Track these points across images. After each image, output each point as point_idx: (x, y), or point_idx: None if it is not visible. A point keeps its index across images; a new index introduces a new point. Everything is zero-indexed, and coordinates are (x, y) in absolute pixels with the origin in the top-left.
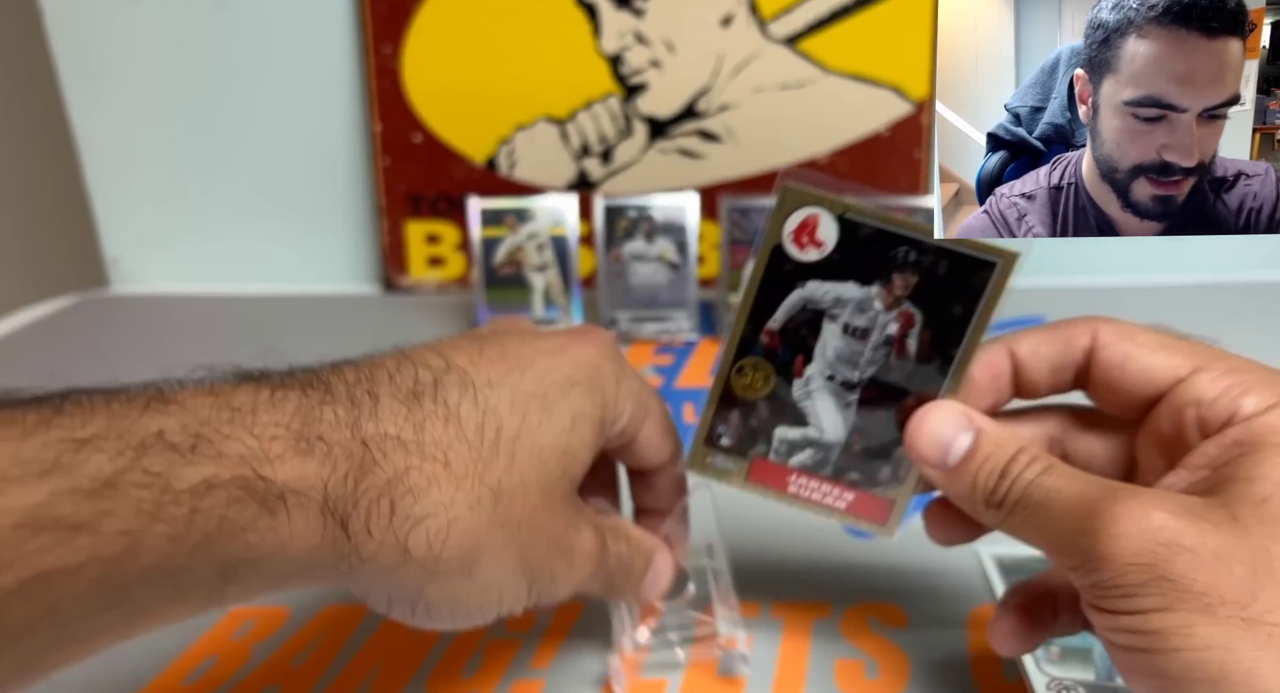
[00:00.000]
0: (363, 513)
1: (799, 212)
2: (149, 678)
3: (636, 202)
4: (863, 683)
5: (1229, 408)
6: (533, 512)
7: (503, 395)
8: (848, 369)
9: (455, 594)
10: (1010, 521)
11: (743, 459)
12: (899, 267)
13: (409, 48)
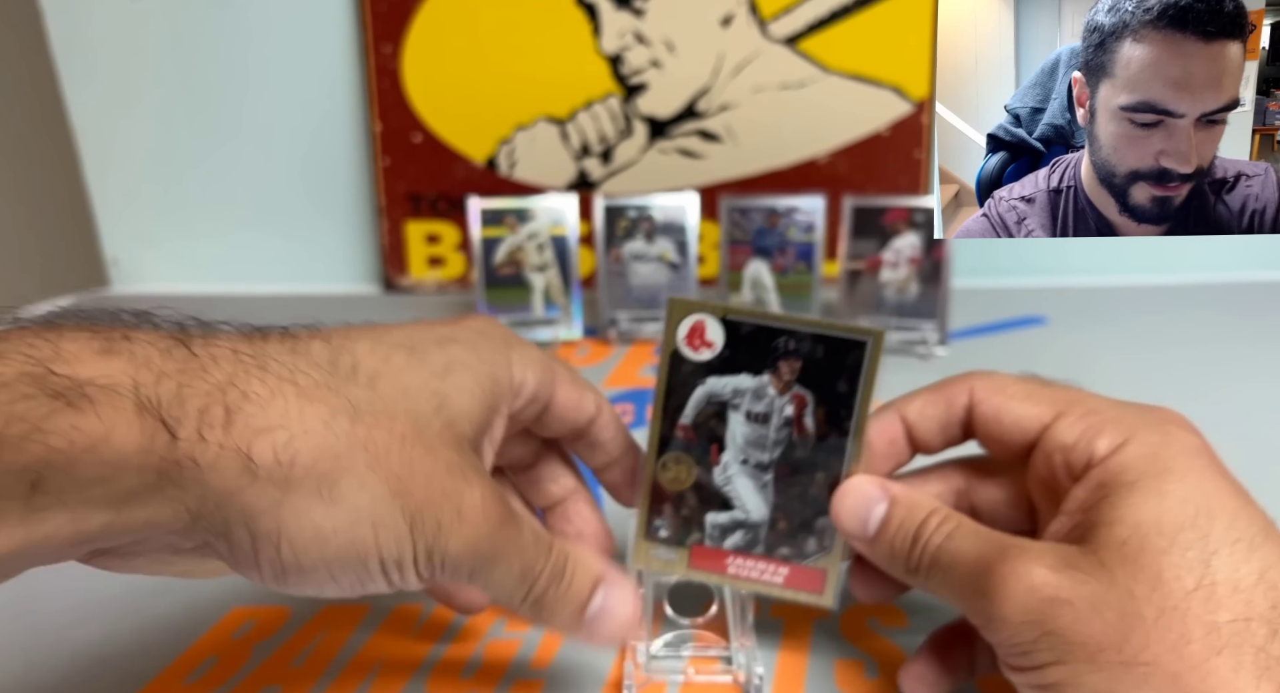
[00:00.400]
0: (191, 415)
1: (687, 319)
2: (149, 678)
3: (636, 202)
4: (863, 683)
5: (1086, 450)
6: (401, 441)
7: (362, 341)
8: (758, 452)
9: (320, 525)
10: (928, 584)
11: (682, 548)
12: (782, 355)
13: (409, 48)
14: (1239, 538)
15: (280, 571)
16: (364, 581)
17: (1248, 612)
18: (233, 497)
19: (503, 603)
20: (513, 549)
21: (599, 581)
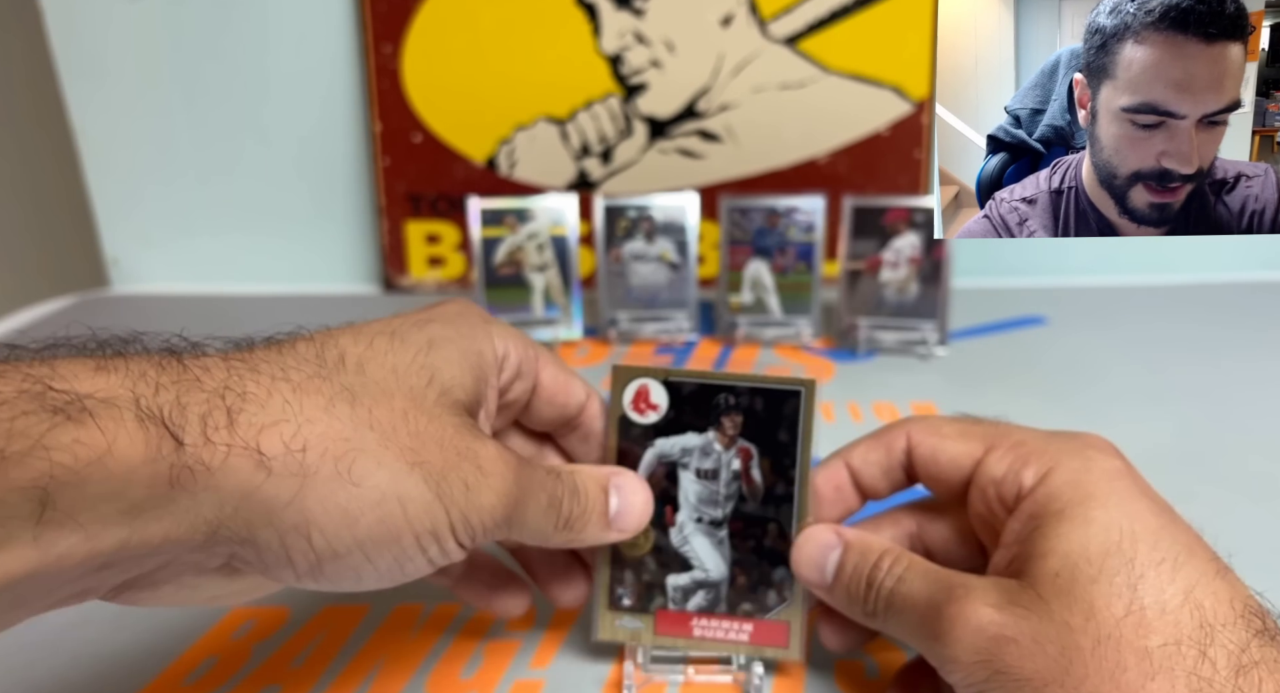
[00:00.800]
0: (194, 421)
1: (632, 384)
2: (149, 678)
3: (636, 202)
4: (863, 683)
5: (1015, 482)
6: (404, 415)
7: (344, 335)
8: (711, 509)
9: (346, 507)
10: (885, 627)
11: (646, 615)
12: (724, 411)
13: (409, 48)
14: (1163, 558)
15: (315, 563)
16: (401, 560)
17: (1176, 635)
18: (251, 496)
19: (537, 538)
20: (536, 485)
21: (607, 482)
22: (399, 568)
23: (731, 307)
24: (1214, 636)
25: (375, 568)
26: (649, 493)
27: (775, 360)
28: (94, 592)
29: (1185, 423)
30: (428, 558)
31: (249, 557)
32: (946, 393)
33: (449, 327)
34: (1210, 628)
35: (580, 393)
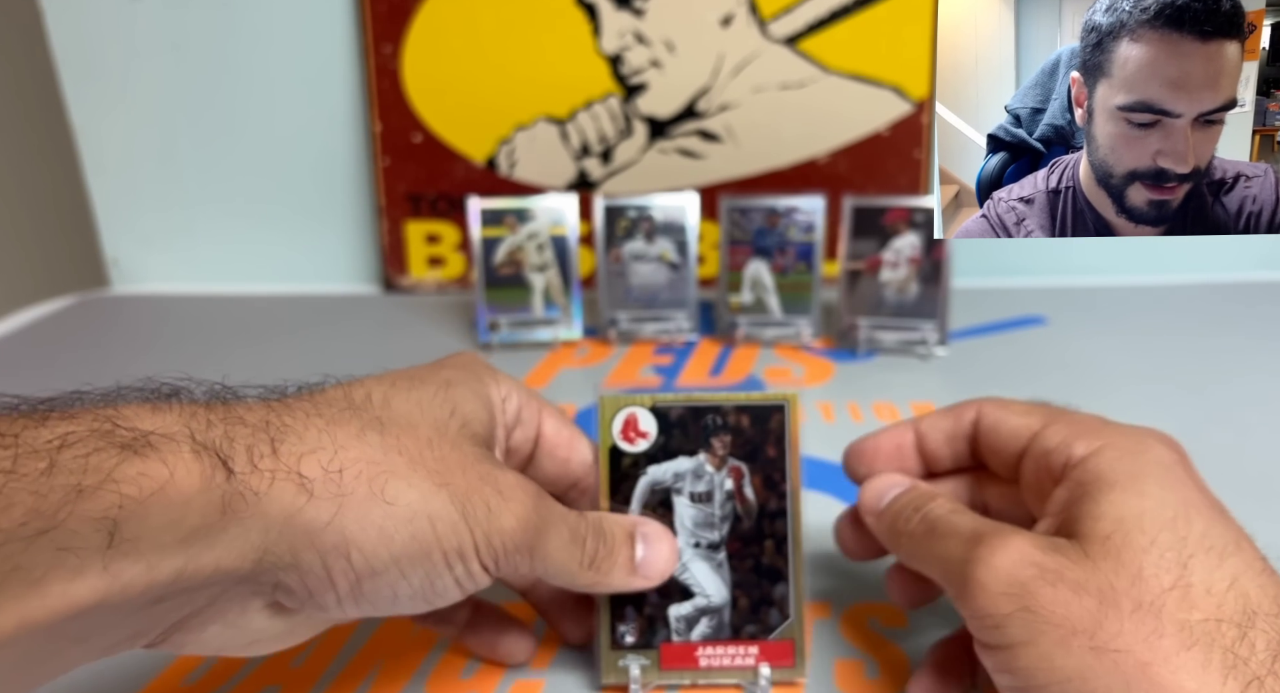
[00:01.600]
0: (241, 452)
1: (620, 414)
2: (149, 678)
3: (636, 202)
4: (863, 683)
5: (1065, 452)
6: (429, 443)
7: (368, 380)
8: (708, 532)
9: (381, 526)
10: (918, 549)
11: (651, 650)
12: (713, 432)
13: (409, 48)
14: (1212, 546)
15: (355, 581)
16: (432, 577)
17: (1219, 614)
18: (294, 519)
19: (563, 577)
20: (557, 517)
21: (633, 530)
22: (430, 586)
23: (731, 307)
24: (1255, 621)
25: (410, 585)
26: (675, 542)
27: (775, 361)
28: (146, 634)
29: (1185, 423)
30: (455, 577)
31: (293, 583)
32: (946, 393)
33: (461, 372)
34: (1254, 614)
35: (585, 451)
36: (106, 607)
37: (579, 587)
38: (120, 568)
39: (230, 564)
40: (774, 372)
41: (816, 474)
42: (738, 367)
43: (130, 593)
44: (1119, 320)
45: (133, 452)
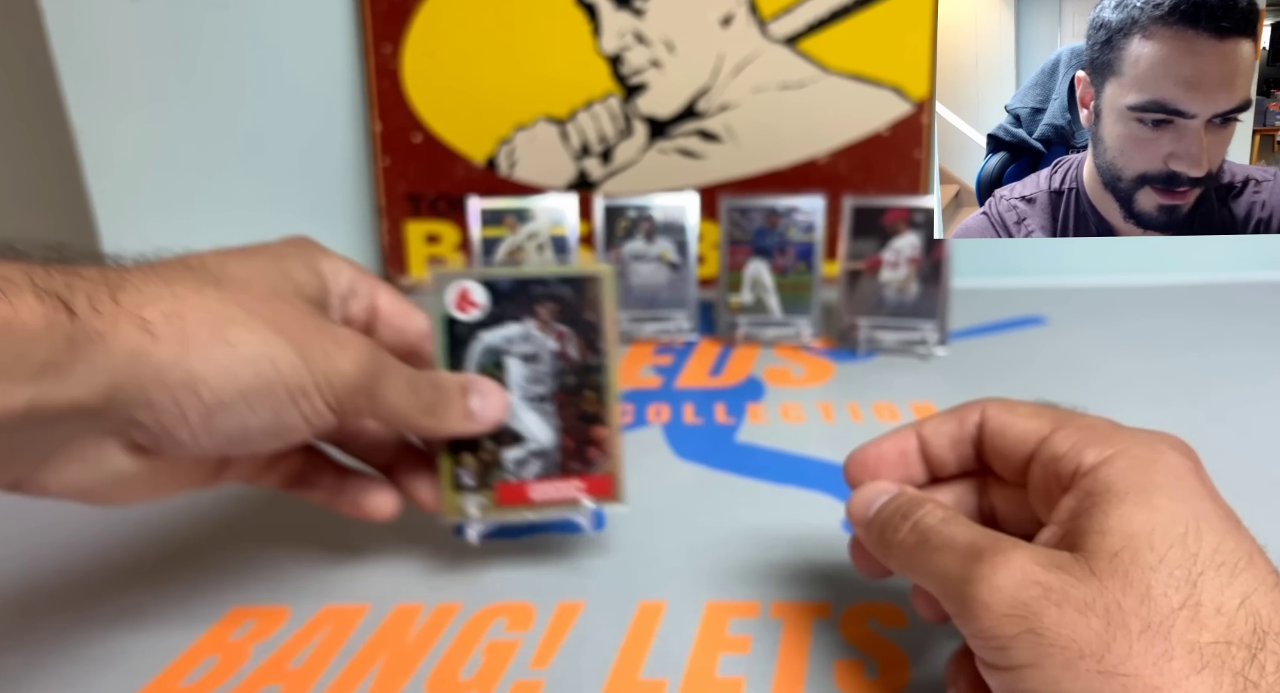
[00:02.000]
0: (81, 298)
1: (452, 286)
2: (149, 678)
3: (636, 202)
4: (863, 683)
5: (1075, 459)
6: (265, 299)
7: (205, 253)
8: (537, 386)
9: (225, 364)
10: (910, 560)
11: (488, 490)
12: (537, 300)
13: (409, 48)
14: (1224, 562)
15: (206, 415)
16: (279, 412)
17: (1229, 635)
18: (140, 358)
19: (402, 420)
20: (394, 368)
21: (467, 384)
22: (279, 421)
23: (731, 307)
24: (1266, 642)
25: (259, 419)
26: (505, 393)
27: (775, 361)
28: (8, 470)
29: (1185, 423)
30: (301, 414)
31: (147, 420)
32: (946, 393)
33: (294, 247)
34: (1264, 635)
35: (421, 322)
36: None
37: (420, 431)
38: None
39: (82, 399)
40: (774, 372)
41: (816, 474)
42: (738, 367)
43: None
44: (1119, 320)
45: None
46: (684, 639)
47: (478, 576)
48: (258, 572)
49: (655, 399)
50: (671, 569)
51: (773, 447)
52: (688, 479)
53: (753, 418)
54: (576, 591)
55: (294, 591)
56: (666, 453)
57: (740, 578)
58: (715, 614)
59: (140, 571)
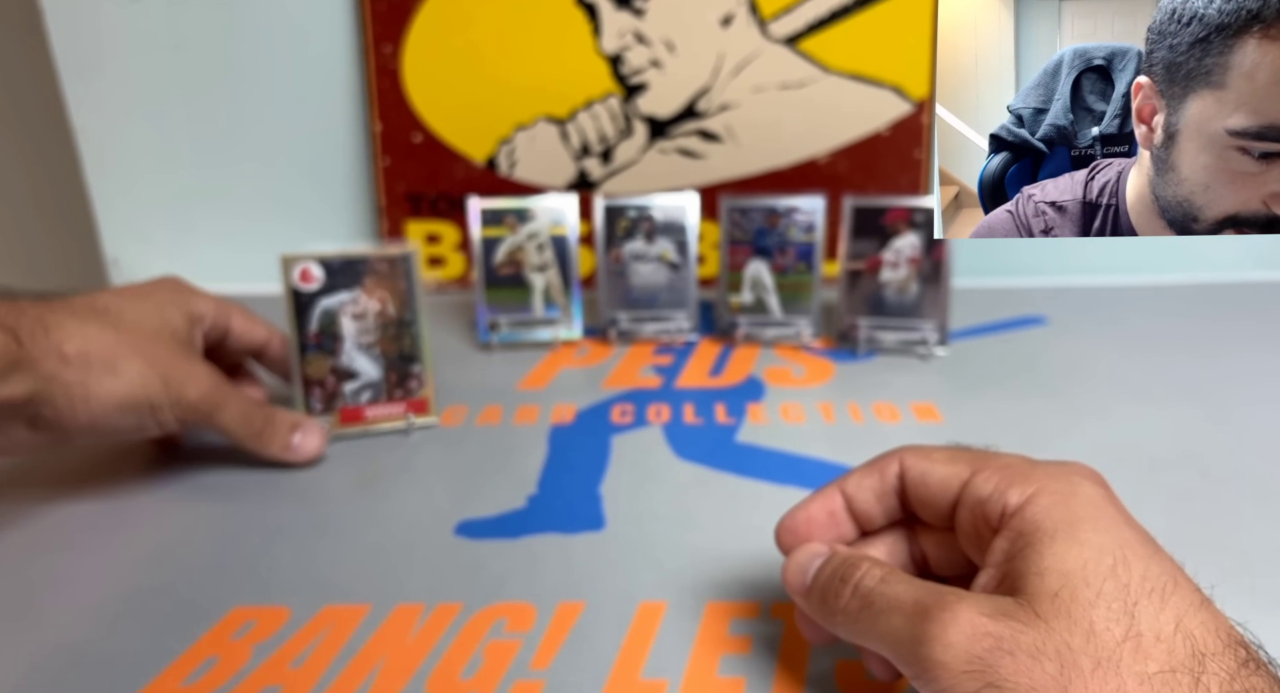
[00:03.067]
0: (26, 330)
1: (296, 266)
2: (149, 678)
3: (636, 202)
4: (863, 683)
5: (1000, 501)
6: (147, 341)
7: (103, 295)
8: (366, 337)
9: (110, 388)
10: (857, 627)
11: (333, 413)
12: (364, 274)
13: (409, 48)
14: (1153, 587)
15: (91, 418)
16: (141, 420)
17: (1171, 662)
18: (56, 377)
19: (233, 439)
20: (233, 399)
21: (296, 424)
22: (139, 424)
23: (731, 307)
24: (1205, 664)
25: (125, 423)
26: (324, 438)
27: (775, 361)
28: None
29: (1185, 423)
30: (157, 422)
31: (49, 414)
32: (946, 393)
33: (169, 293)
34: (1202, 657)
35: (263, 332)
36: None
37: (247, 450)
38: None
39: (14, 395)
40: (774, 372)
41: (817, 475)
42: (738, 367)
43: None
44: (1119, 320)
45: None
46: (684, 640)
47: (478, 576)
48: (258, 572)
49: (655, 399)
50: (671, 570)
51: (773, 447)
52: (688, 479)
53: (753, 418)
54: (576, 591)
55: (294, 591)
56: (667, 453)
57: (740, 579)
58: (715, 615)
59: (140, 571)
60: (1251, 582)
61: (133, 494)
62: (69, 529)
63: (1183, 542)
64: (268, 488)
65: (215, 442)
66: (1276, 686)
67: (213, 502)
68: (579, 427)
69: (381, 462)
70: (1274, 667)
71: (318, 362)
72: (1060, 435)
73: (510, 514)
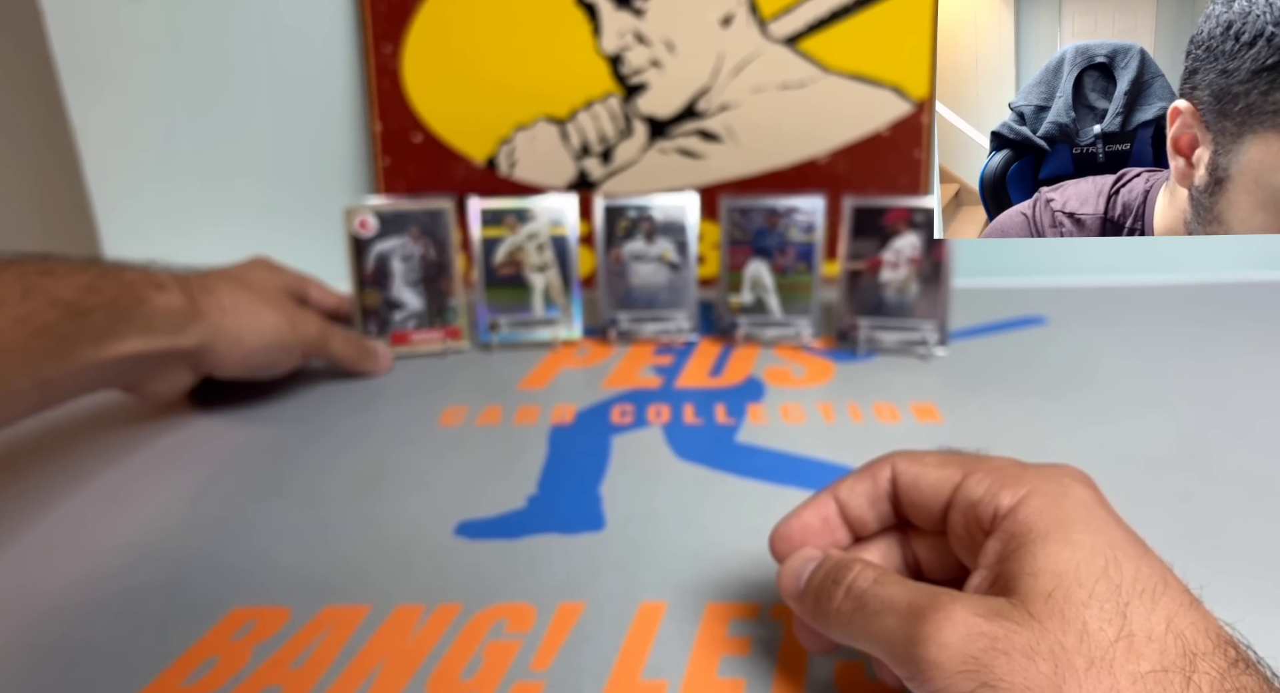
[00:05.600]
0: (195, 293)
1: (355, 216)
2: (149, 678)
3: (636, 202)
4: (863, 684)
5: (991, 503)
6: (272, 296)
7: (234, 268)
8: (412, 273)
9: (259, 329)
10: (850, 629)
11: (385, 336)
12: (409, 223)
13: (409, 48)
14: (1144, 588)
15: (242, 356)
16: (277, 356)
17: (1163, 662)
18: (219, 326)
19: (342, 363)
20: (337, 333)
21: (374, 346)
22: (276, 362)
23: (731, 307)
24: (1196, 664)
25: (268, 359)
26: (391, 356)
27: (775, 361)
28: (143, 383)
29: (1185, 423)
30: (289, 357)
31: (210, 357)
32: (946, 393)
33: (265, 266)
34: (1193, 656)
35: (334, 299)
36: (136, 357)
37: (351, 370)
38: (149, 338)
39: (188, 346)
40: (774, 372)
41: (817, 475)
42: (738, 367)
43: (146, 353)
44: (1119, 320)
45: (158, 287)
46: (684, 641)
47: (478, 576)
48: (258, 572)
49: (655, 399)
50: (671, 570)
51: (773, 447)
52: (688, 480)
53: (753, 418)
54: (576, 591)
55: (294, 591)
56: (667, 453)
57: (740, 579)
58: (715, 616)
59: (140, 571)
60: (1250, 582)
61: (133, 493)
62: (69, 529)
63: (1181, 542)
64: (269, 487)
65: (216, 442)
66: (1266, 684)
67: (213, 501)
68: (579, 427)
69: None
70: (1263, 666)
71: (372, 294)
72: (1060, 436)
73: (510, 515)
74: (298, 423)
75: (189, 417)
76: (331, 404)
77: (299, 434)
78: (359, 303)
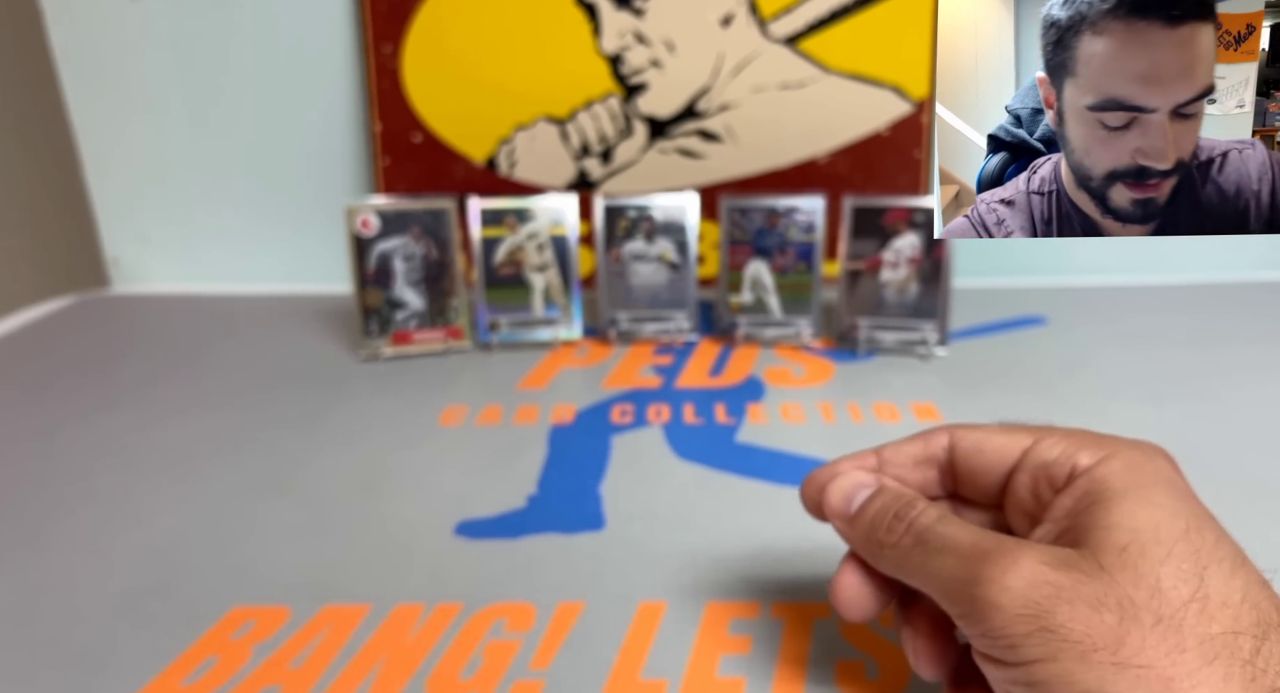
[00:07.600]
0: None
1: (357, 215)
2: (149, 678)
3: (636, 202)
4: (863, 683)
5: (1068, 463)
6: None
7: None
8: (414, 273)
9: None
10: (906, 562)
11: (386, 335)
12: (412, 223)
13: (409, 48)
14: (1223, 558)
15: None
16: None
17: (1235, 626)
18: None
19: None
20: None
21: None
22: None
23: (731, 307)
24: (1269, 633)
25: None
26: None
27: (775, 361)
28: None
29: (1185, 423)
30: None
31: None
32: (946, 393)
33: None
34: (1268, 626)
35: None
36: None
37: None
38: None
39: None
40: (774, 372)
41: None
42: (738, 367)
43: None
44: (1119, 320)
45: None
46: (684, 640)
47: (478, 576)
48: (258, 572)
49: (655, 399)
50: (671, 570)
51: (773, 447)
52: (688, 479)
53: (753, 418)
54: (576, 591)
55: (294, 591)
56: (667, 453)
57: (740, 579)
58: (715, 615)
59: (140, 570)
60: None
61: (133, 493)
62: (69, 528)
63: None
64: (269, 487)
65: (216, 442)
66: None
67: (213, 500)
68: (579, 427)
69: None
70: None
71: (374, 294)
72: None
73: (510, 514)
74: (298, 423)
75: (189, 416)
76: (332, 404)
77: (299, 434)
78: (360, 302)
